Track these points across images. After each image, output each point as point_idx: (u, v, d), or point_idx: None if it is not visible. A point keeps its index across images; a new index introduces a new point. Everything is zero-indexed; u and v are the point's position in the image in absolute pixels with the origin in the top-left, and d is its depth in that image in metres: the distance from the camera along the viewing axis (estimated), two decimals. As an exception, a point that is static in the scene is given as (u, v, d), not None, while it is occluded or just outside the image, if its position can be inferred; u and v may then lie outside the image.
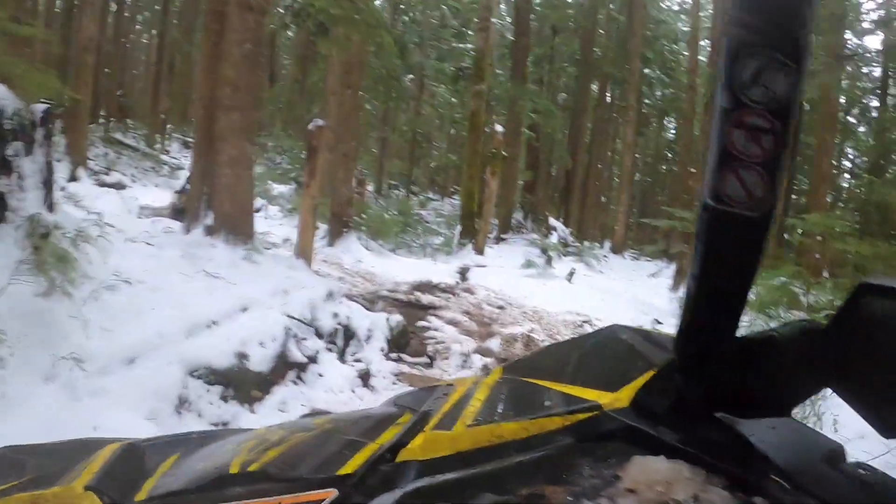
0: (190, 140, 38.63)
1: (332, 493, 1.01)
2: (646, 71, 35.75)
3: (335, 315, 9.08)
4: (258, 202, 24.09)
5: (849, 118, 34.20)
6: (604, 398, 0.97)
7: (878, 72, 31.46)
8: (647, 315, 15.25)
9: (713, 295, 0.79)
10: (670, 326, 12.94)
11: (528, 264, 18.51)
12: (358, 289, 14.61)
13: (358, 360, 8.98)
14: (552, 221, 22.88)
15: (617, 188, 36.77)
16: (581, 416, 0.95)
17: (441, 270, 17.85)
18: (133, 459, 1.39)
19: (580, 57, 33.84)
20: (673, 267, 21.61)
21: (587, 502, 0.77)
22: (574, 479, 0.83)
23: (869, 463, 0.82)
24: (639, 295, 18.10)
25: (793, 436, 0.87)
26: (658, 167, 49.45)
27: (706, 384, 0.86)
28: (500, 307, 14.81)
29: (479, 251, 20.86)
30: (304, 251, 11.52)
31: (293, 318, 7.90)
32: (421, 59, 32.27)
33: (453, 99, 38.99)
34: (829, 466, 0.81)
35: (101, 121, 31.56)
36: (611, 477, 0.81)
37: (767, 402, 0.84)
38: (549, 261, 18.79)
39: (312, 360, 7.87)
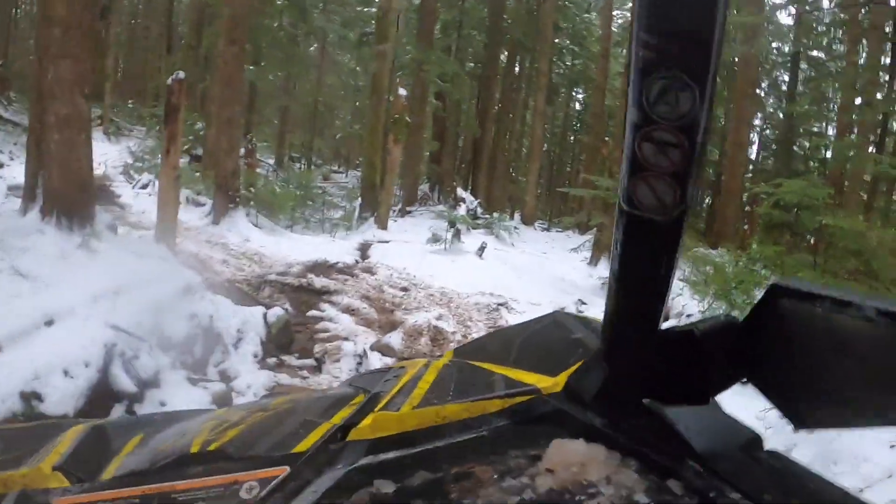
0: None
1: (284, 470, 1.01)
2: (556, 41, 33.99)
3: (193, 316, 7.05)
4: (145, 178, 21.61)
5: (757, 91, 33.92)
6: (543, 382, 1.00)
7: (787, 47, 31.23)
8: (569, 295, 13.56)
9: (632, 291, 0.81)
10: (596, 307, 11.30)
11: (435, 239, 16.55)
12: (243, 273, 12.55)
13: (223, 374, 6.97)
14: (460, 192, 20.96)
15: (527, 158, 34.89)
16: (518, 399, 0.98)
17: (340, 248, 15.84)
18: (99, 440, 1.35)
19: (489, 23, 31.77)
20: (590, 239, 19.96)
21: (510, 480, 0.82)
22: (501, 459, 0.87)
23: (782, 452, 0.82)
24: (556, 271, 16.39)
25: (716, 424, 0.89)
26: (566, 137, 47.88)
27: (631, 373, 0.88)
28: (404, 289, 12.92)
29: (382, 225, 18.82)
30: (165, 234, 9.36)
31: (122, 329, 5.79)
32: (323, 23, 29.82)
33: (358, 67, 36.69)
34: (744, 453, 0.83)
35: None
36: (533, 458, 0.86)
37: (688, 390, 0.85)
38: (457, 234, 16.87)
39: (150, 384, 5.82)
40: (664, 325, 0.85)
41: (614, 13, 33.41)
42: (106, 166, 23.75)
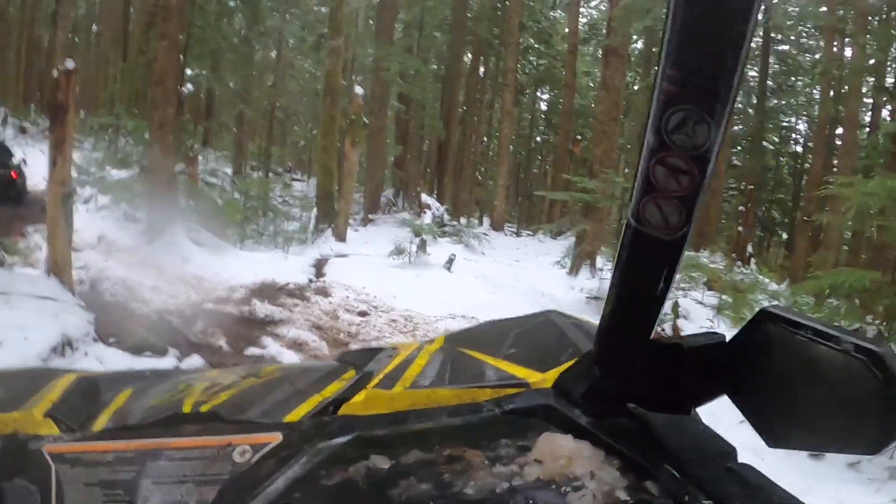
0: (27, 125, 33.04)
1: (277, 437, 1.02)
2: (520, 39, 32.10)
3: (61, 384, 5.04)
4: (87, 192, 19.49)
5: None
6: (532, 377, 1.01)
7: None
8: (550, 315, 11.69)
9: (630, 301, 0.83)
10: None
11: (398, 251, 14.58)
12: (176, 301, 10.62)
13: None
14: (425, 198, 19.02)
15: (495, 159, 32.69)
16: (508, 391, 0.99)
17: (292, 266, 13.90)
18: (89, 391, 1.34)
19: (452, 21, 29.75)
20: (566, 245, 18.04)
21: (500, 466, 0.85)
22: (492, 446, 0.89)
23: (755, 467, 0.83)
24: (534, 283, 14.50)
25: (694, 433, 0.90)
26: (533, 139, 45.68)
27: (619, 377, 0.90)
28: (363, 314, 11.02)
29: (340, 237, 16.83)
30: (58, 265, 7.38)
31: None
32: (279, 24, 27.79)
33: (318, 72, 34.62)
34: (718, 463, 0.84)
35: None
36: (522, 448, 0.88)
37: (670, 400, 0.88)
38: (422, 246, 14.95)
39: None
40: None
41: (581, 10, 31.90)
42: (47, 180, 21.80)
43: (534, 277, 15.36)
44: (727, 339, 0.85)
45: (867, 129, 24.01)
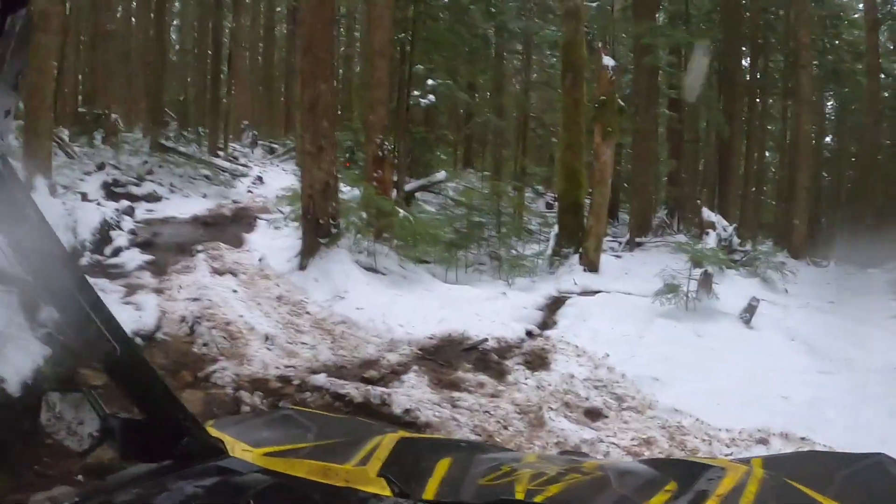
0: (277, 146, 31.36)
1: None
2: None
3: None
4: (289, 210, 15.85)
5: None
6: None
7: None
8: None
9: None
10: None
11: (670, 290, 8.92)
12: (288, 363, 6.38)
13: None
14: (707, 213, 13.16)
15: (791, 167, 24.86)
16: None
17: (509, 307, 8.73)
18: (412, 455, 1.36)
19: (722, 6, 23.47)
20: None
21: None
22: None
23: None
24: (886, 350, 8.22)
25: None
26: (822, 150, 36.17)
27: None
28: (593, 414, 5.74)
29: (591, 265, 11.37)
30: None
31: None
32: (525, 23, 23.17)
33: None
34: None
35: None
36: None
37: None
38: (706, 282, 9.21)
39: None
40: None
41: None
42: (274, 197, 18.72)
43: (879, 336, 9.05)
44: None
45: None
